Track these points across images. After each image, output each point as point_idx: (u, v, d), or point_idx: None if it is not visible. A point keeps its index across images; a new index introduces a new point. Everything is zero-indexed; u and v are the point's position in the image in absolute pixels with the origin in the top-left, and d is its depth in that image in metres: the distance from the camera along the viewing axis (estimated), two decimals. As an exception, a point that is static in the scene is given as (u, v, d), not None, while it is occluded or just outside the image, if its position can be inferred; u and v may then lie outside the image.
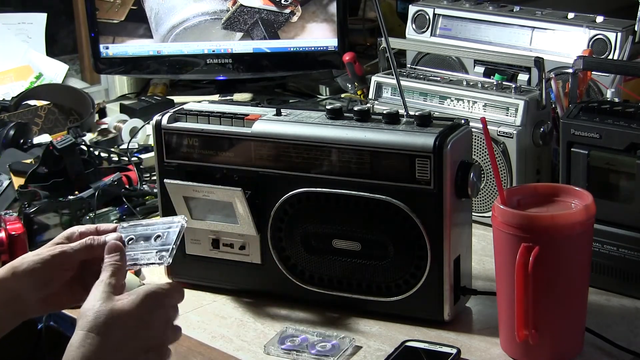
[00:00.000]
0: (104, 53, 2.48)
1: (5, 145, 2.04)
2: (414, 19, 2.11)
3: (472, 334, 1.35)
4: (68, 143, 1.83)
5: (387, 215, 1.34)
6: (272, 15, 2.43)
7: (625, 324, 1.35)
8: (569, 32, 1.89)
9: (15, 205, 1.82)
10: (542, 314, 1.22)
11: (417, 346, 1.29)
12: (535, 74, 1.75)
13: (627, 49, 1.81)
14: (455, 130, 1.33)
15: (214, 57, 2.47)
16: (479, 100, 1.70)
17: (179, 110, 1.47)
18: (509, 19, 1.97)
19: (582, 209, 1.23)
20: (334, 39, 2.43)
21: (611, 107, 1.43)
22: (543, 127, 1.66)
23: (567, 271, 1.23)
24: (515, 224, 1.22)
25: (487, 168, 1.66)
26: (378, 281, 1.38)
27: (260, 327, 1.39)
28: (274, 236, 1.43)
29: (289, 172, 1.39)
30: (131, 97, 2.58)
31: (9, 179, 1.90)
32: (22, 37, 2.63)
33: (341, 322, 1.39)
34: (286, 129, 1.39)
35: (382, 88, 1.84)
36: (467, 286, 1.39)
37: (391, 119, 1.36)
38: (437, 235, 1.32)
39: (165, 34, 2.46)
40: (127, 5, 2.44)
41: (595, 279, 1.39)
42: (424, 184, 1.31)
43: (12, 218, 1.66)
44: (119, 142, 2.19)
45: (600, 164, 1.43)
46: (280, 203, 1.40)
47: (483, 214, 1.66)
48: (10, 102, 2.29)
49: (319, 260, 1.41)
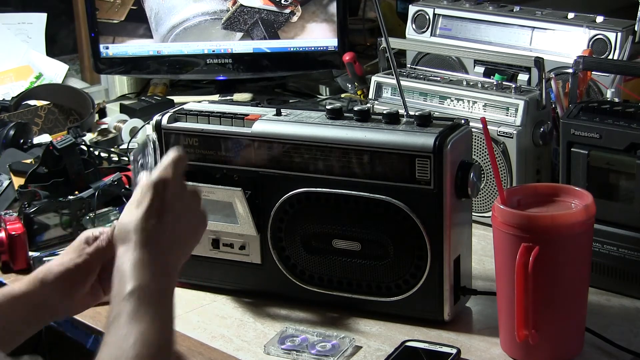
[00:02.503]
0: (104, 53, 2.48)
1: (5, 145, 2.04)
2: (414, 19, 2.11)
3: (472, 334, 1.35)
4: (68, 143, 1.83)
5: (387, 215, 1.34)
6: (272, 15, 2.43)
7: (625, 324, 1.35)
8: (569, 32, 1.89)
9: (15, 205, 1.82)
10: (542, 314, 1.22)
11: (417, 346, 1.29)
12: (535, 74, 1.75)
13: (627, 49, 1.81)
14: (455, 130, 1.33)
15: (214, 57, 2.47)
16: (479, 100, 1.70)
17: (179, 110, 1.47)
18: (509, 19, 1.97)
19: (582, 209, 1.23)
20: (334, 39, 2.43)
21: (611, 107, 1.43)
22: (543, 127, 1.66)
23: (567, 271, 1.23)
24: (515, 224, 1.22)
25: (487, 168, 1.66)
26: (378, 281, 1.38)
27: (260, 327, 1.39)
28: (274, 236, 1.43)
29: (289, 172, 1.39)
30: (131, 97, 2.58)
31: (9, 179, 1.90)
32: (22, 37, 2.62)
33: (341, 322, 1.39)
34: (286, 129, 1.39)
35: (382, 88, 1.84)
36: (467, 286, 1.39)
37: (391, 119, 1.36)
38: (437, 235, 1.32)
39: (165, 34, 2.46)
40: (127, 5, 2.44)
41: (595, 279, 1.39)
42: (424, 184, 1.31)
43: (12, 218, 1.66)
44: (119, 142, 2.18)
45: (600, 164, 1.43)
46: (280, 203, 1.40)
47: (483, 214, 1.66)
48: (10, 102, 2.29)
49: (319, 260, 1.41)
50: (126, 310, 0.97)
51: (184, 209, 1.10)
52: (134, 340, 0.93)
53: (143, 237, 1.04)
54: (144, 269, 1.01)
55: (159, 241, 1.05)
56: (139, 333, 0.94)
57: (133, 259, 1.02)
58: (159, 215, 1.06)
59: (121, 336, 0.94)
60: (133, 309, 0.97)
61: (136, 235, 1.04)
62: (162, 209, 1.07)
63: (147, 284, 1.00)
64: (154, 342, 0.95)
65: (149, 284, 1.00)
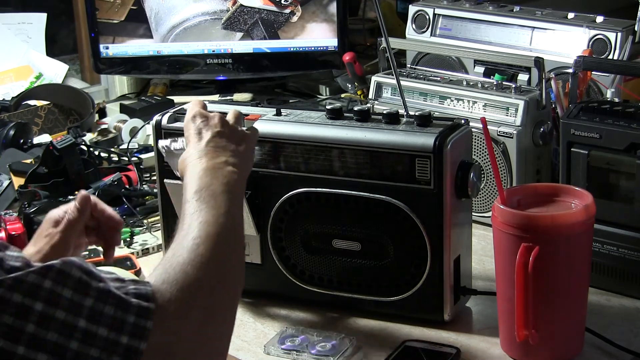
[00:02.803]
0: (104, 53, 2.48)
1: (5, 145, 2.04)
2: (414, 19, 2.11)
3: (472, 334, 1.35)
4: (68, 143, 1.83)
5: (387, 215, 1.34)
6: (272, 15, 2.43)
7: (625, 324, 1.35)
8: (569, 32, 1.89)
9: (15, 205, 1.82)
10: (542, 314, 1.22)
11: (417, 346, 1.29)
12: (535, 74, 1.75)
13: (627, 49, 1.81)
14: (455, 130, 1.33)
15: (214, 57, 2.47)
16: (479, 100, 1.70)
17: (179, 110, 1.47)
18: (509, 19, 1.97)
19: (582, 209, 1.23)
20: (334, 39, 2.43)
21: (611, 107, 1.43)
22: (543, 127, 1.66)
23: (567, 271, 1.23)
24: (515, 224, 1.22)
25: (487, 168, 1.66)
26: (378, 281, 1.38)
27: (260, 327, 1.39)
28: (274, 236, 1.43)
29: (289, 172, 1.39)
30: (131, 97, 2.58)
31: (9, 179, 1.90)
32: (22, 37, 2.62)
33: (341, 322, 1.39)
34: (286, 129, 1.39)
35: (382, 88, 1.84)
36: (467, 286, 1.39)
37: (391, 119, 1.36)
38: (437, 235, 1.32)
39: (165, 34, 2.46)
40: (127, 5, 2.44)
41: (595, 279, 1.39)
42: (424, 184, 1.31)
43: (12, 218, 1.66)
44: (119, 142, 2.18)
45: (600, 164, 1.43)
46: (280, 203, 1.40)
47: (483, 214, 1.66)
48: (10, 102, 2.29)
49: (319, 260, 1.41)
50: (189, 210, 1.09)
51: (225, 124, 1.25)
52: (195, 228, 1.05)
53: (195, 155, 1.19)
54: (200, 176, 1.15)
55: (210, 153, 1.19)
56: (198, 223, 1.06)
57: (190, 172, 1.16)
58: (200, 136, 1.22)
59: (185, 228, 1.06)
60: (194, 207, 1.09)
61: (191, 157, 1.19)
62: (201, 132, 1.23)
63: (204, 186, 1.13)
64: (212, 229, 1.05)
65: (207, 186, 1.13)
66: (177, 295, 0.96)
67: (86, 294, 0.91)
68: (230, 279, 1.04)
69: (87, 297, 0.90)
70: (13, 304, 0.87)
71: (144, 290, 0.94)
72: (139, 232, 1.70)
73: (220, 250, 1.03)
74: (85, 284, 0.91)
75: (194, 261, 1.00)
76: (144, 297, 0.93)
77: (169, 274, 0.98)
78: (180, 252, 1.01)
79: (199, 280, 0.99)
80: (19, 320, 0.87)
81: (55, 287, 0.89)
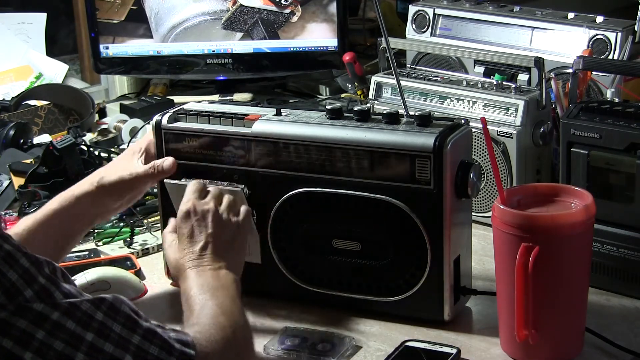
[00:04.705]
0: (104, 53, 2.48)
1: (5, 145, 2.04)
2: (414, 19, 2.11)
3: (472, 334, 1.35)
4: (68, 143, 1.83)
5: (387, 215, 1.34)
6: (272, 15, 2.43)
7: (625, 324, 1.35)
8: (569, 32, 1.89)
9: (15, 205, 1.82)
10: (542, 314, 1.22)
11: (417, 346, 1.29)
12: (535, 74, 1.75)
13: (627, 49, 1.81)
14: (455, 130, 1.33)
15: (214, 57, 2.47)
16: (479, 100, 1.70)
17: (179, 110, 1.47)
18: (509, 19, 1.98)
19: (582, 209, 1.23)
20: (334, 39, 2.43)
21: (611, 107, 1.43)
22: (543, 127, 1.66)
23: (567, 271, 1.23)
24: (515, 224, 1.22)
25: (487, 168, 1.66)
26: (378, 281, 1.38)
27: (260, 327, 1.39)
28: (274, 236, 1.43)
29: (289, 172, 1.39)
30: (131, 97, 2.58)
31: (9, 179, 1.90)
32: (22, 37, 2.63)
33: (341, 322, 1.39)
34: (286, 129, 1.39)
35: (382, 88, 1.84)
36: (467, 286, 1.39)
37: (391, 119, 1.36)
38: (437, 236, 1.32)
39: (165, 34, 2.46)
40: (127, 5, 2.44)
41: (595, 279, 1.39)
42: (424, 184, 1.31)
43: (12, 218, 1.66)
44: (119, 142, 2.18)
45: (600, 164, 1.43)
46: (280, 203, 1.40)
47: (483, 214, 1.66)
48: (10, 102, 2.29)
49: (319, 260, 1.41)
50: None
51: (219, 224, 1.29)
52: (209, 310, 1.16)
53: (191, 264, 1.25)
54: (199, 276, 1.23)
55: (205, 262, 1.25)
56: (209, 307, 1.16)
57: (189, 284, 1.22)
58: (193, 240, 1.27)
59: (197, 309, 1.16)
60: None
61: (187, 265, 1.25)
62: (193, 234, 1.28)
63: (207, 299, 1.19)
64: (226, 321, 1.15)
65: (206, 282, 1.22)
66: (213, 347, 1.07)
67: (134, 331, 0.96)
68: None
69: (135, 335, 0.95)
70: (66, 331, 0.90)
71: (185, 337, 1.02)
72: (138, 232, 1.70)
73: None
74: (134, 322, 0.96)
75: (225, 321, 1.14)
76: (185, 343, 1.01)
77: (204, 327, 1.10)
78: (204, 315, 1.14)
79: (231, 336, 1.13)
80: (69, 348, 0.90)
81: (106, 321, 0.94)
